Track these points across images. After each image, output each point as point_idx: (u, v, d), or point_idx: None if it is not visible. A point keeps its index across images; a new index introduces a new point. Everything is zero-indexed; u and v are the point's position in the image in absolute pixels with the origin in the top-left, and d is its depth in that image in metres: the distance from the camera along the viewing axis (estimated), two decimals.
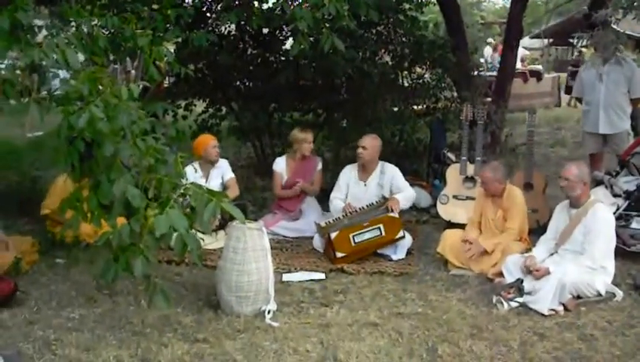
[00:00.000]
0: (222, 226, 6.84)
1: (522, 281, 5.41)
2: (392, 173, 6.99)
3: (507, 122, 11.72)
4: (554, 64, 32.78)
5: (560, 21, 37.96)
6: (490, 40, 23.72)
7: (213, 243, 6.63)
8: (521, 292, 5.36)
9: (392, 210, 6.49)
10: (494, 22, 31.98)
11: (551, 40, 38.87)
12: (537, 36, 36.36)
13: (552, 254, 5.77)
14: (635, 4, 6.12)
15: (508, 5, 35.00)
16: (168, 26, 6.76)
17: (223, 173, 7.38)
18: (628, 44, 6.40)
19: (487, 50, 21.97)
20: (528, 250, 6.04)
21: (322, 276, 6.03)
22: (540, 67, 20.84)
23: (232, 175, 7.42)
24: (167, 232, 3.51)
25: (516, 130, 12.55)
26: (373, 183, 6.97)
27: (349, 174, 7.12)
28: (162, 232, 3.46)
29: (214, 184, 7.13)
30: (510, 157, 10.83)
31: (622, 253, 6.04)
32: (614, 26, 6.10)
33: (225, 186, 7.26)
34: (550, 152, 12.28)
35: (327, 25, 6.29)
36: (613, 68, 7.29)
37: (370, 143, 6.96)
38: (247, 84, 9.76)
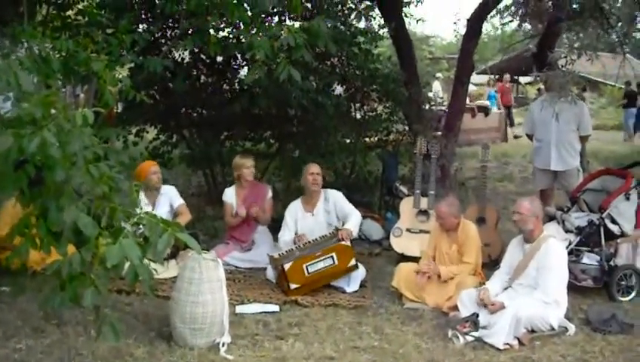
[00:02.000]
0: (173, 255, 6.72)
1: (478, 315, 5.41)
2: (334, 197, 7.04)
3: (456, 156, 11.82)
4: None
5: (506, 58, 38.80)
6: (439, 75, 24.03)
7: (165, 272, 6.49)
8: (476, 326, 5.35)
9: (344, 239, 6.46)
10: (442, 57, 32.47)
11: (497, 76, 39.68)
12: (484, 72, 37.04)
13: (505, 288, 5.80)
14: (588, 45, 6.25)
15: (455, 41, 35.58)
16: (122, 51, 6.64)
17: (170, 199, 7.24)
18: (580, 83, 6.51)
19: (436, 85, 22.23)
20: (482, 283, 6.05)
21: (276, 308, 5.94)
22: (487, 103, 21.10)
23: (182, 201, 7.30)
24: (120, 262, 3.39)
25: (465, 164, 12.69)
26: (319, 211, 7.02)
27: (294, 209, 7.13)
28: (114, 263, 3.34)
29: (161, 211, 6.93)
30: (460, 191, 10.90)
31: (573, 288, 6.08)
32: (569, 67, 6.20)
33: (176, 213, 7.13)
34: (499, 186, 12.43)
35: (284, 55, 6.27)
36: (565, 106, 7.38)
37: (319, 172, 7.09)
38: (200, 111, 9.65)
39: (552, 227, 6.42)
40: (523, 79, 38.05)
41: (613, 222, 6.57)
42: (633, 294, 6.47)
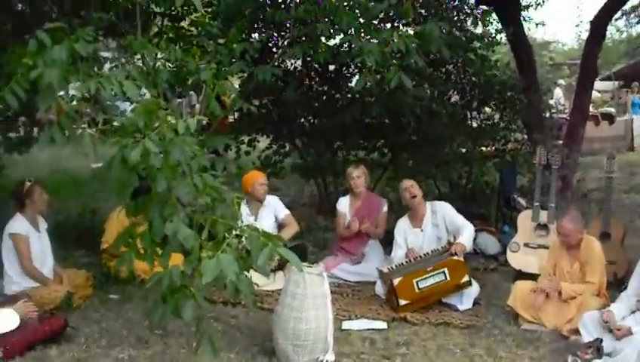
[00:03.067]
0: (280, 267, 6.60)
1: (602, 341, 5.00)
2: (443, 210, 6.74)
3: (579, 166, 11.28)
4: (625, 107, 31.97)
5: (630, 63, 37.26)
6: (560, 81, 23.23)
7: (271, 284, 6.38)
8: (600, 353, 4.93)
9: (456, 254, 6.16)
10: (563, 63, 31.43)
11: (621, 82, 38.13)
12: (608, 78, 35.64)
13: (633, 312, 5.35)
14: None
15: (576, 47, 34.51)
16: (233, 60, 6.62)
17: (275, 210, 7.13)
18: None
19: (557, 92, 21.44)
20: (606, 305, 5.62)
21: (384, 325, 5.71)
22: (612, 110, 20.20)
23: (287, 211, 7.17)
24: (218, 277, 3.27)
25: (588, 174, 12.10)
26: (428, 227, 6.72)
27: (402, 227, 6.86)
28: (210, 278, 3.23)
29: (265, 223, 6.84)
30: (582, 203, 10.35)
31: None
32: None
33: (282, 224, 7.02)
34: (624, 198, 11.75)
35: (395, 61, 6.07)
36: None
37: (413, 184, 6.82)
38: (311, 120, 9.57)
39: None
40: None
41: None
42: None
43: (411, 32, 6.45)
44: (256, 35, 8.27)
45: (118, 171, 3.59)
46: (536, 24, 12.35)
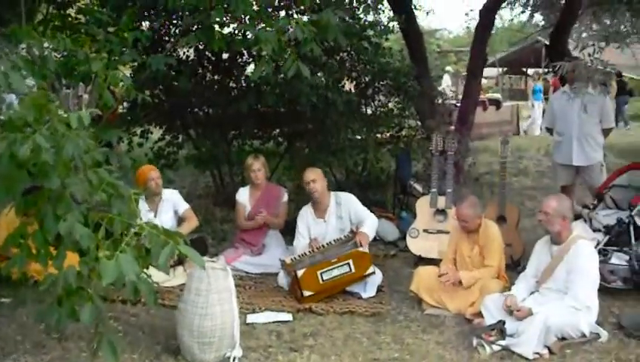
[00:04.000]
0: (180, 262, 6.42)
1: (504, 323, 5.09)
2: (347, 201, 6.67)
3: (469, 151, 11.50)
4: (508, 93, 33.05)
5: (513, 50, 38.50)
6: (448, 68, 23.73)
7: (171, 280, 6.19)
8: (503, 334, 5.03)
9: (361, 245, 6.13)
10: (450, 50, 32.16)
11: (505, 69, 39.39)
12: (492, 65, 36.69)
13: (532, 293, 5.47)
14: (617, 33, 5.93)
15: (463, 34, 35.41)
16: (124, 49, 6.35)
17: (174, 205, 6.92)
18: (610, 74, 6.17)
19: (446, 78, 21.91)
20: (507, 288, 5.74)
21: (289, 317, 5.63)
22: (498, 95, 20.81)
23: (187, 205, 6.97)
24: (118, 277, 3.10)
25: (478, 159, 12.39)
26: (332, 218, 6.64)
27: (305, 216, 6.77)
28: (110, 280, 3.05)
29: (165, 218, 6.66)
30: (474, 187, 10.61)
31: (602, 290, 5.68)
32: (597, 55, 5.86)
33: (181, 218, 6.83)
34: (514, 182, 12.07)
35: (292, 50, 5.97)
36: (586, 98, 7.04)
37: (317, 175, 6.69)
38: (206, 110, 9.35)
39: (578, 226, 6.06)
40: (531, 71, 37.78)
41: None
42: None
43: (306, 20, 6.37)
44: (147, 23, 7.98)
45: (7, 168, 3.36)
46: (427, 12, 12.49)
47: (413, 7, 10.89)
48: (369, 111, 10.02)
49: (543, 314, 4.98)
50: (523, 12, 12.93)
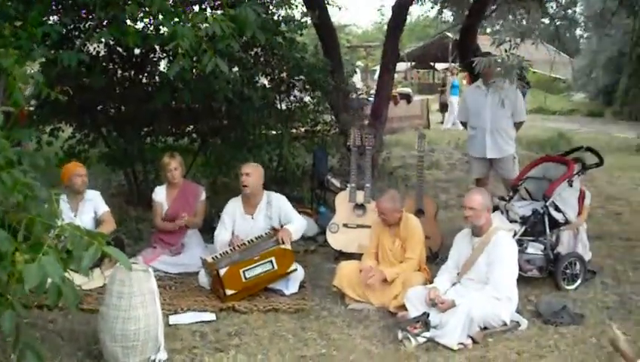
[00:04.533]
0: (97, 264, 6.23)
1: (428, 315, 5.15)
2: (279, 203, 6.59)
3: (383, 145, 11.63)
4: (418, 87, 33.61)
5: (421, 45, 39.24)
6: (358, 63, 23.89)
7: (89, 282, 6.00)
8: (427, 326, 5.10)
9: (284, 242, 6.10)
10: (360, 45, 32.39)
11: (413, 63, 40.07)
12: (401, 60, 37.15)
13: (454, 284, 5.57)
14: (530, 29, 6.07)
15: (372, 30, 35.76)
16: (33, 45, 6.12)
17: (95, 206, 6.73)
18: (525, 68, 6.30)
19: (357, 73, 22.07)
20: (428, 280, 5.82)
21: (213, 317, 5.56)
22: (409, 90, 21.12)
23: (107, 208, 6.78)
24: (41, 283, 2.98)
25: (391, 152, 12.53)
26: (260, 216, 6.54)
27: (233, 208, 6.64)
28: (34, 284, 2.93)
29: (85, 218, 6.47)
30: (389, 180, 10.73)
31: (520, 279, 5.82)
32: (514, 51, 5.98)
33: (99, 220, 6.64)
34: (427, 175, 12.23)
35: (208, 45, 5.87)
36: (498, 92, 7.19)
37: (253, 169, 6.56)
38: (118, 107, 9.12)
39: (496, 218, 6.16)
40: (439, 66, 38.57)
41: (557, 210, 6.43)
42: (578, 282, 6.38)
43: (222, 15, 6.28)
44: (55, 18, 7.71)
45: None
46: (339, 8, 12.50)
47: (325, 2, 10.90)
48: (284, 107, 10.00)
49: (466, 305, 5.09)
50: (432, 8, 13.18)
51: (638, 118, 25.08)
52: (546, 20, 10.18)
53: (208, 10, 7.90)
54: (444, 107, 22.33)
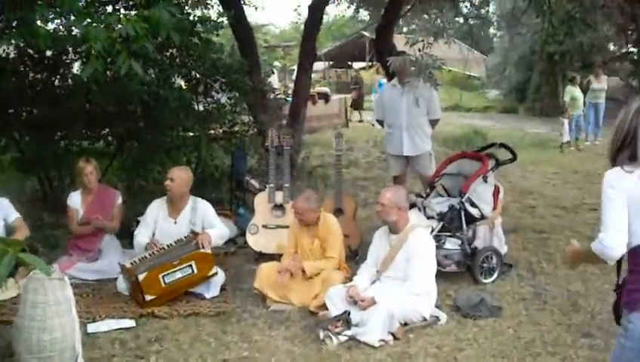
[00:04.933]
0: (11, 273, 6.04)
1: (349, 313, 5.19)
2: (204, 209, 6.50)
3: (302, 145, 11.66)
4: (336, 86, 33.79)
5: (338, 45, 39.50)
6: (275, 63, 23.88)
7: (2, 293, 5.80)
8: (348, 324, 5.14)
9: (203, 246, 6.04)
10: (278, 45, 32.39)
11: (331, 62, 40.27)
12: (318, 59, 37.29)
13: (374, 282, 5.62)
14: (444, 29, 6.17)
15: (289, 29, 35.78)
16: None
17: (5, 214, 6.49)
18: (439, 67, 6.39)
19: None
20: (348, 278, 5.87)
21: (132, 323, 5.46)
22: (326, 89, 21.20)
23: (18, 214, 6.54)
24: None
25: (311, 152, 12.56)
26: (184, 221, 6.44)
27: (157, 209, 6.53)
28: None
29: None
30: (308, 180, 10.75)
31: (438, 274, 5.93)
32: (427, 50, 6.07)
33: (11, 228, 6.42)
34: (345, 173, 12.31)
35: (121, 46, 5.76)
36: (413, 90, 7.29)
37: (179, 175, 6.45)
38: (30, 111, 8.87)
39: (413, 215, 6.26)
40: (356, 65, 38.86)
41: (473, 205, 6.57)
42: (495, 275, 6.53)
43: (136, 16, 6.17)
44: None
45: None
46: (255, 7, 12.50)
47: (242, 2, 10.86)
48: (201, 108, 9.90)
49: (386, 302, 5.16)
50: (349, 7, 13.28)
51: (549, 114, 25.82)
52: (460, 20, 10.38)
53: (122, 10, 7.76)
54: (356, 105, 22.62)
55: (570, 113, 16.23)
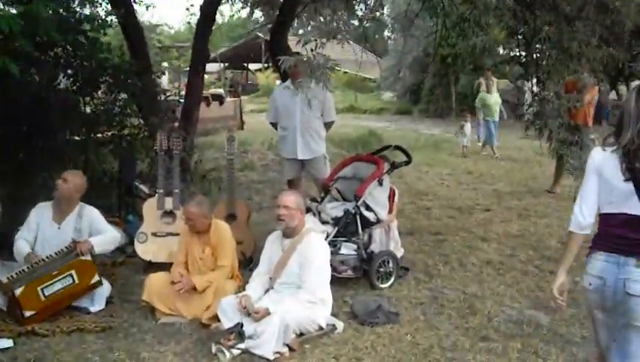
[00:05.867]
0: None
1: (242, 325, 4.98)
2: (91, 216, 6.16)
3: (195, 148, 11.36)
4: (240, 87, 33.50)
5: (234, 46, 39.19)
6: (164, 64, 23.37)
7: None
8: (242, 337, 4.94)
9: (82, 253, 5.71)
10: (172, 46, 31.81)
11: (226, 64, 39.93)
12: (213, 60, 36.93)
13: (267, 290, 5.44)
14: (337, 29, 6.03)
15: (184, 30, 35.27)
16: None
17: None
18: (333, 68, 6.24)
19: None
20: (241, 287, 5.69)
21: (10, 343, 5.07)
22: (221, 90, 20.91)
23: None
24: None
25: (204, 155, 12.27)
26: (69, 227, 6.07)
27: (41, 212, 6.15)
28: None
29: None
30: (202, 184, 10.47)
31: (334, 280, 5.84)
32: (320, 50, 5.92)
33: None
34: (240, 176, 12.13)
35: None
36: (308, 93, 7.12)
37: (73, 179, 6.14)
38: None
39: (308, 220, 6.10)
40: (252, 66, 38.70)
41: (369, 209, 6.50)
42: (392, 279, 6.49)
43: (14, 12, 5.81)
44: None
45: None
46: (147, 6, 12.14)
47: (132, 1, 10.50)
48: (88, 110, 9.48)
49: (281, 313, 4.99)
50: (243, 8, 13.08)
51: (442, 115, 26.36)
52: (356, 22, 10.35)
53: (2, 5, 7.33)
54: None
55: (480, 118, 16.62)
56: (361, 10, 10.15)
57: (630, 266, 3.34)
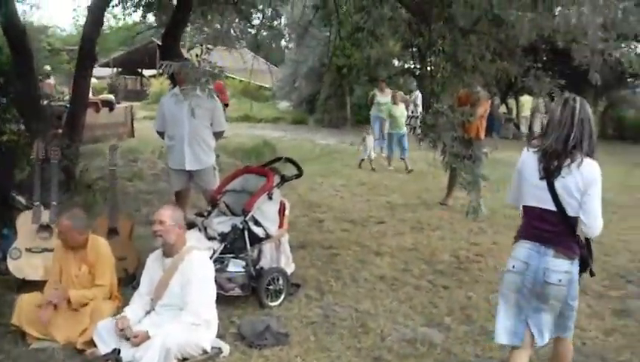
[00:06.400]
0: None
1: (119, 351, 4.63)
2: None
3: (81, 156, 10.85)
4: (124, 93, 32.68)
5: (127, 51, 38.27)
6: (46, 67, 22.49)
7: None
8: None
9: None
10: (62, 49, 30.71)
11: (119, 69, 38.98)
12: (106, 65, 36.01)
13: (148, 312, 5.10)
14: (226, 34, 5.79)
15: (75, 33, 34.25)
16: None
17: None
18: (218, 76, 5.95)
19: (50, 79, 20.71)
20: (120, 308, 5.31)
21: None
22: (111, 96, 20.21)
23: None
24: None
25: (91, 163, 11.75)
26: None
27: None
28: None
29: None
30: (87, 194, 9.98)
31: (221, 299, 5.55)
32: (205, 57, 5.63)
33: None
34: (128, 186, 11.67)
35: None
36: (197, 101, 6.76)
37: None
38: None
39: (193, 236, 5.77)
40: (147, 72, 37.89)
41: (257, 224, 6.23)
42: (282, 297, 6.24)
43: None
44: None
45: None
46: (31, 6, 11.60)
47: (15, 0, 9.95)
48: None
49: (161, 337, 4.67)
50: (135, 11, 12.66)
51: (338, 125, 26.42)
52: (253, 30, 10.15)
53: None
54: None
55: (385, 131, 16.64)
56: (258, 18, 9.98)
57: (549, 256, 3.95)
